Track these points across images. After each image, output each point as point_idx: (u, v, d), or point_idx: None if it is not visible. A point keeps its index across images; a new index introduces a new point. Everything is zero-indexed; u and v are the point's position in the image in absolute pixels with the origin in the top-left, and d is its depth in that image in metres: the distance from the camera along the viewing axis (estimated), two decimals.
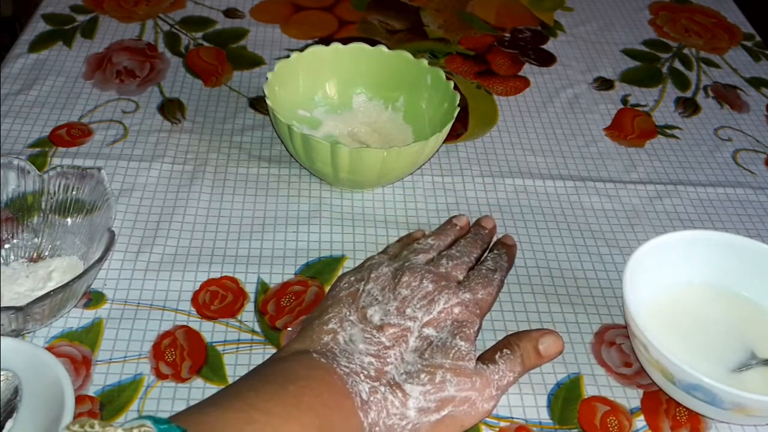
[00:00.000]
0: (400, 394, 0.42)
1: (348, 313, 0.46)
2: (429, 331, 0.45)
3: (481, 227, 0.55)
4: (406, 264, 0.49)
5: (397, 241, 0.55)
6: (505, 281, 0.55)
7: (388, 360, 0.43)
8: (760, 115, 0.76)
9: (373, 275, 0.48)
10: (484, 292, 0.48)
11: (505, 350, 0.46)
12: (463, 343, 0.44)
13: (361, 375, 0.42)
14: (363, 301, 0.46)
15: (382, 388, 0.42)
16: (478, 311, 0.47)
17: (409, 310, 0.45)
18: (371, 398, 0.41)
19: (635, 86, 0.78)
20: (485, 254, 0.53)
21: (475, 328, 0.46)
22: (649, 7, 0.92)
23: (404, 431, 0.42)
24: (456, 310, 0.46)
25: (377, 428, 0.41)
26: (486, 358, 0.45)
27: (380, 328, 0.44)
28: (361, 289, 0.47)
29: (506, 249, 0.54)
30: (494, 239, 0.56)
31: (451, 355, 0.44)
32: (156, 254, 0.55)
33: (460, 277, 0.49)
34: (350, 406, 0.41)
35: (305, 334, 0.45)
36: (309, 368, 0.42)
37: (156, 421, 0.33)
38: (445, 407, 0.42)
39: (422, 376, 0.43)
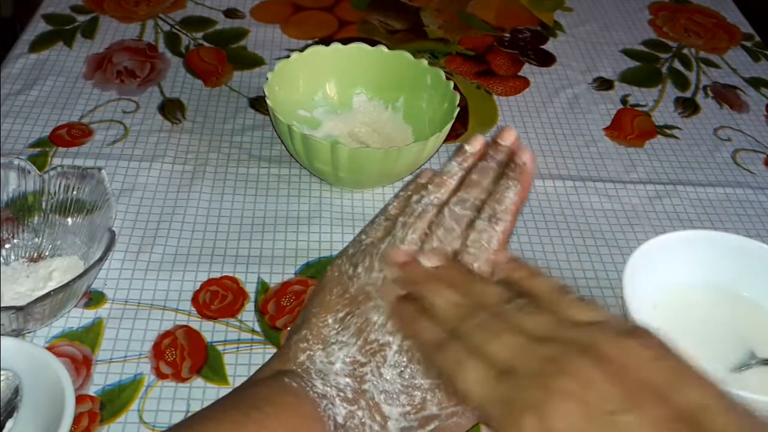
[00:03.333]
0: (378, 417, 0.40)
1: (327, 326, 0.42)
2: (409, 344, 0.41)
3: (497, 147, 0.45)
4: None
5: (402, 188, 0.47)
6: None
7: (365, 378, 0.40)
8: (760, 115, 0.76)
9: (361, 276, 0.43)
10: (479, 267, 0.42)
11: None
12: None
13: (337, 399, 0.40)
14: (343, 312, 0.42)
15: (360, 413, 0.40)
16: None
17: (390, 324, 0.41)
18: (348, 423, 0.39)
19: (635, 86, 0.78)
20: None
21: None
22: (649, 8, 0.93)
23: None
24: None
25: None
26: None
27: (356, 344, 0.41)
28: (345, 295, 0.43)
29: (518, 175, 0.44)
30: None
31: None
32: (156, 254, 0.55)
33: (456, 246, 0.42)
34: (319, 431, 0.39)
35: (284, 350, 0.43)
36: (278, 394, 0.40)
37: None
38: (430, 423, 0.40)
39: (402, 397, 0.40)
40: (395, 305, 0.41)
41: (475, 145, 0.46)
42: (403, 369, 0.40)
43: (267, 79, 0.60)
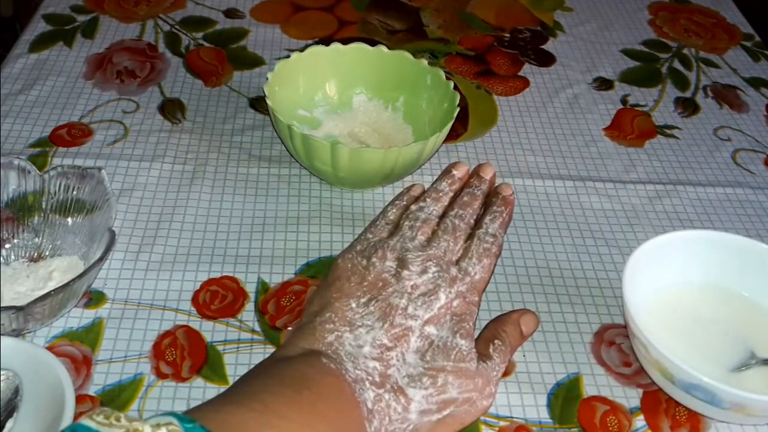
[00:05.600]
0: (402, 400, 0.41)
1: (351, 310, 0.44)
2: (430, 329, 0.44)
3: (480, 179, 0.53)
4: (408, 247, 0.47)
5: (397, 198, 0.53)
6: (506, 284, 0.56)
7: (390, 362, 0.42)
8: (760, 115, 0.76)
9: (376, 266, 0.46)
10: (482, 271, 0.48)
11: (496, 341, 0.46)
12: (463, 341, 0.44)
13: (367, 382, 0.41)
14: (365, 297, 0.45)
15: (386, 396, 0.41)
16: (476, 297, 0.47)
17: (411, 309, 0.44)
18: (375, 407, 0.41)
19: (635, 86, 0.78)
20: (485, 214, 0.52)
21: (474, 318, 0.46)
22: (649, 8, 0.93)
23: None
24: (455, 303, 0.45)
25: None
26: (481, 353, 0.45)
27: (383, 327, 0.43)
28: (364, 283, 0.46)
29: (504, 204, 0.52)
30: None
31: (453, 356, 0.43)
32: (156, 254, 0.55)
33: (459, 253, 0.48)
34: (358, 416, 0.40)
35: (307, 330, 0.44)
36: (320, 373, 0.41)
37: (181, 419, 0.32)
38: (447, 408, 0.42)
39: (424, 379, 0.42)
40: None
41: (460, 170, 0.53)
42: (424, 352, 0.43)
43: (267, 79, 0.60)
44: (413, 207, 0.51)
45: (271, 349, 0.49)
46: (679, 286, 0.52)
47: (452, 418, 0.43)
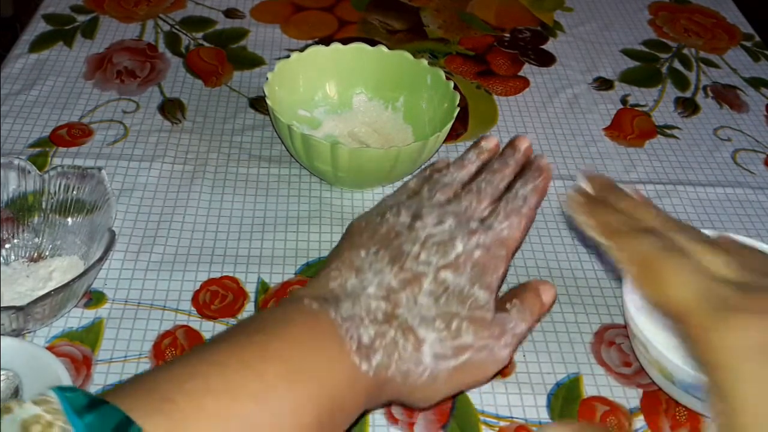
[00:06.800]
0: (412, 338, 0.39)
1: (359, 258, 0.42)
2: (446, 274, 0.41)
3: (514, 149, 0.48)
4: (424, 204, 0.44)
5: (420, 171, 0.49)
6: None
7: (399, 303, 0.40)
8: (760, 115, 0.76)
9: (389, 220, 0.44)
10: (509, 228, 0.44)
11: (514, 300, 0.43)
12: (481, 292, 0.41)
13: (366, 320, 0.39)
14: (375, 247, 0.42)
15: (392, 332, 0.39)
16: (503, 252, 0.43)
17: (423, 256, 0.41)
18: (376, 342, 0.38)
19: (635, 86, 0.78)
20: (516, 181, 0.47)
21: (499, 273, 0.43)
22: (649, 8, 0.93)
23: (422, 378, 0.39)
24: (477, 253, 0.42)
25: (389, 371, 0.38)
26: (499, 308, 0.43)
27: (391, 271, 0.41)
28: (375, 236, 0.43)
29: (539, 171, 0.47)
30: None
31: (468, 304, 0.41)
32: (156, 254, 0.55)
33: (485, 213, 0.44)
34: (337, 350, 0.37)
35: (311, 282, 0.42)
36: (290, 314, 0.38)
37: (62, 389, 0.29)
38: (463, 353, 0.40)
39: (437, 322, 0.40)
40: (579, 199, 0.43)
41: (490, 142, 0.49)
42: (438, 297, 0.40)
43: (267, 79, 0.60)
44: (436, 175, 0.47)
45: None
46: None
47: (471, 365, 0.40)
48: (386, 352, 0.38)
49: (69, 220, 0.53)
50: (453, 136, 0.69)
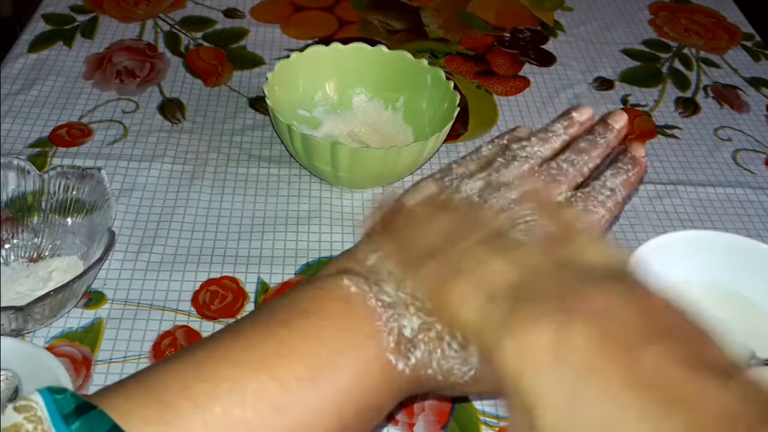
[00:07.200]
0: (461, 337, 0.33)
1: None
2: None
3: (607, 126, 0.42)
4: (492, 181, 0.38)
5: (498, 137, 0.42)
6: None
7: None
8: (760, 115, 0.76)
9: (450, 195, 0.37)
10: (585, 222, 0.38)
11: None
12: None
13: (411, 307, 0.33)
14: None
15: (439, 326, 0.33)
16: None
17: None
18: (419, 336, 0.33)
19: (635, 86, 0.78)
20: (606, 167, 0.41)
21: None
22: (649, 7, 0.92)
23: (465, 377, 0.34)
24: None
25: (429, 370, 0.33)
26: None
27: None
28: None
29: (632, 163, 0.41)
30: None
31: None
32: (156, 254, 0.55)
33: (560, 197, 0.39)
34: (372, 348, 0.33)
35: (349, 251, 0.36)
36: (325, 300, 0.34)
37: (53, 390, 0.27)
38: None
39: None
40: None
41: (582, 114, 0.42)
42: None
43: (267, 79, 0.60)
44: (514, 145, 0.40)
45: None
46: (678, 286, 0.52)
47: None
48: (428, 349, 0.33)
49: (69, 220, 0.53)
50: (453, 136, 0.69)
